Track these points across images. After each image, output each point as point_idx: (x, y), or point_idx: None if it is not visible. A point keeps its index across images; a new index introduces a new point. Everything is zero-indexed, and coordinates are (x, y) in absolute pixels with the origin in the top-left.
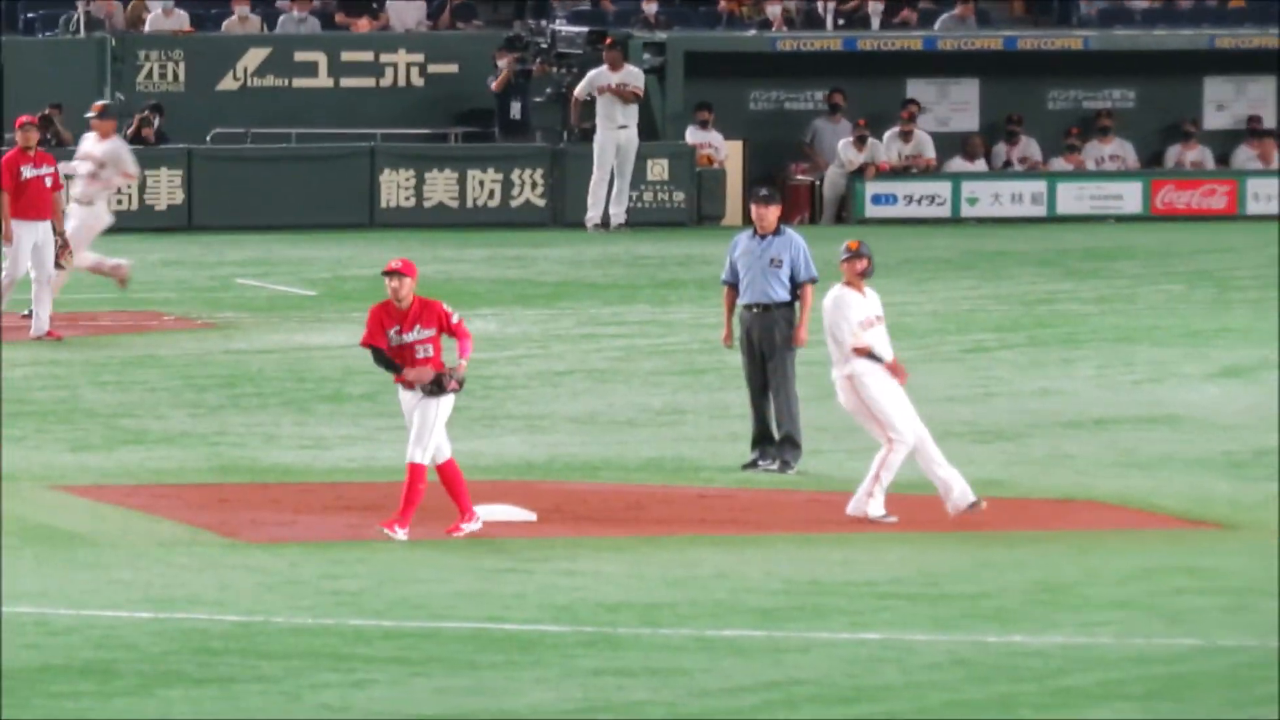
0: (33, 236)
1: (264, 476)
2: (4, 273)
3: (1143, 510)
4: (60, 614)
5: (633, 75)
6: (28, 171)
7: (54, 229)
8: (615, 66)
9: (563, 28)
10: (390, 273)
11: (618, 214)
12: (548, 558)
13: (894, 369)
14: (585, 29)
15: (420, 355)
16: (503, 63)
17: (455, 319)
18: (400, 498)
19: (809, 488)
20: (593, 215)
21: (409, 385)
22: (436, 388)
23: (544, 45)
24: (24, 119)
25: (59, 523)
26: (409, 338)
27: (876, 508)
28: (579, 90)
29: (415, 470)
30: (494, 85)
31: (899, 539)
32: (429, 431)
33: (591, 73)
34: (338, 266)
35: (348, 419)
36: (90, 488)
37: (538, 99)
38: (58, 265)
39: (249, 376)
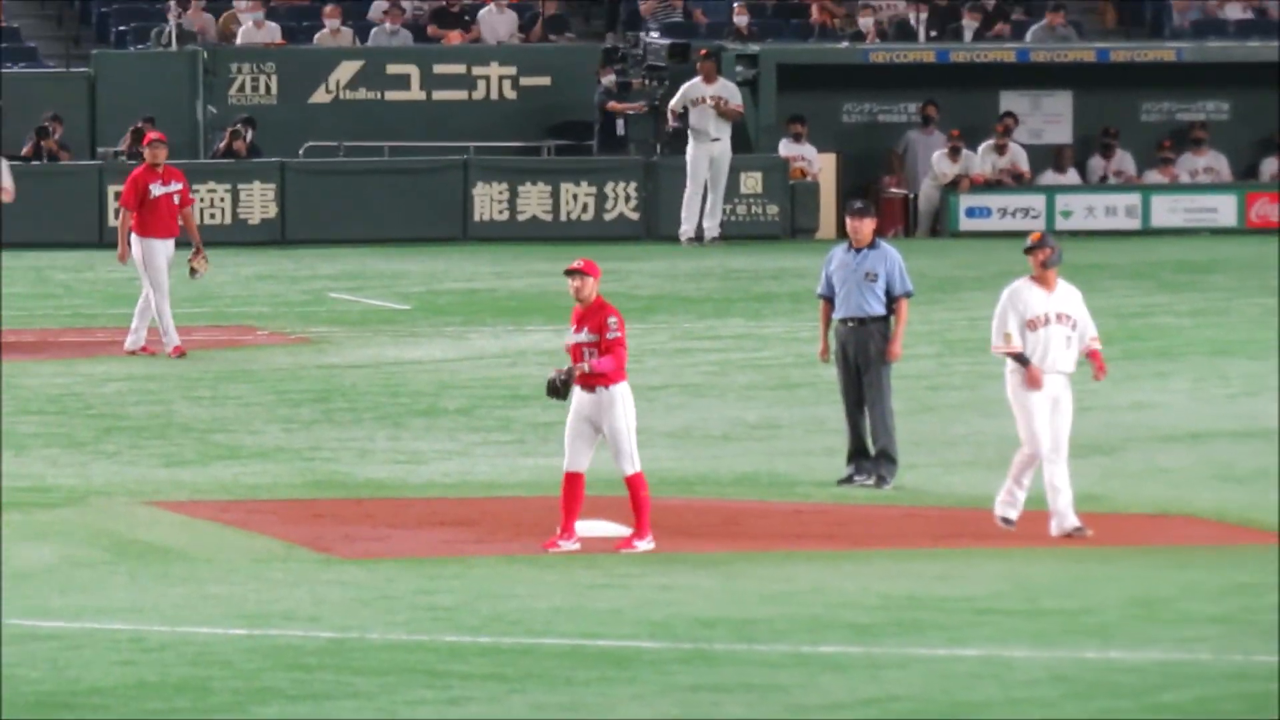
0: (165, 253)
1: (358, 491)
2: (146, 294)
3: (1240, 525)
4: (155, 630)
5: (729, 90)
6: (156, 189)
7: (194, 240)
8: (709, 79)
9: (654, 40)
10: (570, 271)
11: (711, 228)
12: (643, 573)
13: (1032, 376)
14: (669, 41)
15: (587, 357)
16: (606, 79)
17: (611, 334)
18: (633, 512)
19: (905, 503)
20: (686, 229)
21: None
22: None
23: (640, 57)
24: (152, 135)
25: (153, 538)
26: (579, 338)
27: (1004, 508)
28: (674, 103)
29: (634, 481)
30: (612, 105)
31: (996, 554)
32: (624, 441)
33: (685, 85)
34: (431, 280)
35: (442, 434)
36: (184, 503)
37: (630, 111)
38: (192, 272)
39: (342, 391)
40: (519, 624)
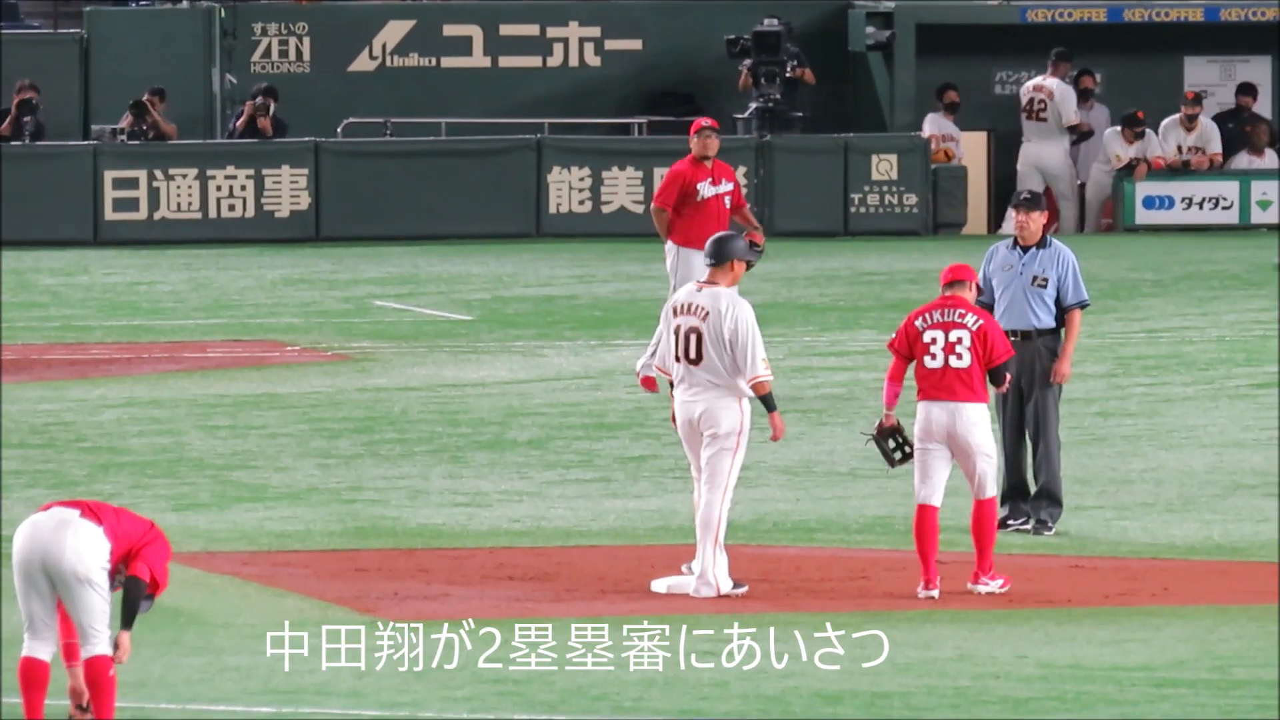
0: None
1: (409, 540)
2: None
3: None
4: (162, 709)
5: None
6: (705, 189)
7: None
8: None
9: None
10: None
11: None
12: (755, 635)
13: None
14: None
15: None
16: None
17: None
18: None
19: (1070, 552)
20: None
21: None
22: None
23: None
24: (702, 121)
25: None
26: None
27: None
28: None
29: (984, 507)
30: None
31: (1179, 614)
32: (983, 463)
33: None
34: (497, 285)
35: (511, 470)
36: (198, 555)
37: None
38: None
39: (390, 419)
40: (604, 699)
